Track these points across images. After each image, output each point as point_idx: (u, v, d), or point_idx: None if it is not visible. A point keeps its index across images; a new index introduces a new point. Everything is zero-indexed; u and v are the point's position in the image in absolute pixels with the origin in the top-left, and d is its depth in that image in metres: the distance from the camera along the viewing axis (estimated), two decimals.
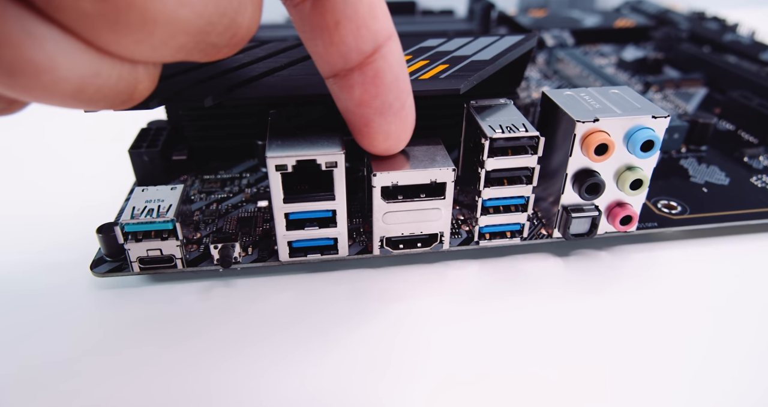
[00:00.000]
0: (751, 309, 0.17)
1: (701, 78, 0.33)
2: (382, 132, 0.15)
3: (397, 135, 0.15)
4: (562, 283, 0.18)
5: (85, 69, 0.10)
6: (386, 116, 0.15)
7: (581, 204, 0.18)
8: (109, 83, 0.11)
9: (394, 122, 0.15)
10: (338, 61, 0.14)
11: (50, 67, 0.10)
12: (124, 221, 0.17)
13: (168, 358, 0.15)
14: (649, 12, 0.44)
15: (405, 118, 0.15)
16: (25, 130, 0.30)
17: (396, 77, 0.14)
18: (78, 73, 0.10)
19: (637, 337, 0.16)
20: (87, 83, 0.11)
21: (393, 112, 0.15)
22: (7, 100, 0.12)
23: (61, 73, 0.10)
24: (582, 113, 0.17)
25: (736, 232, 0.21)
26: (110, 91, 0.11)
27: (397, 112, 0.15)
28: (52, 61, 0.10)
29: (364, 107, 0.14)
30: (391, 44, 0.14)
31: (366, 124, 0.15)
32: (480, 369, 0.15)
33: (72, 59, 0.10)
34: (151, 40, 0.10)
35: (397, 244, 0.18)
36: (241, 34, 0.12)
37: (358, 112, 0.14)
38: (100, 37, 0.10)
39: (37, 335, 0.16)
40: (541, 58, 0.37)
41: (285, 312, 0.17)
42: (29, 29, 0.10)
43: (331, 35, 0.13)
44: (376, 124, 0.15)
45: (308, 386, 0.15)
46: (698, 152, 0.25)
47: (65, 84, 0.10)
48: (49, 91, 0.10)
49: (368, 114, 0.14)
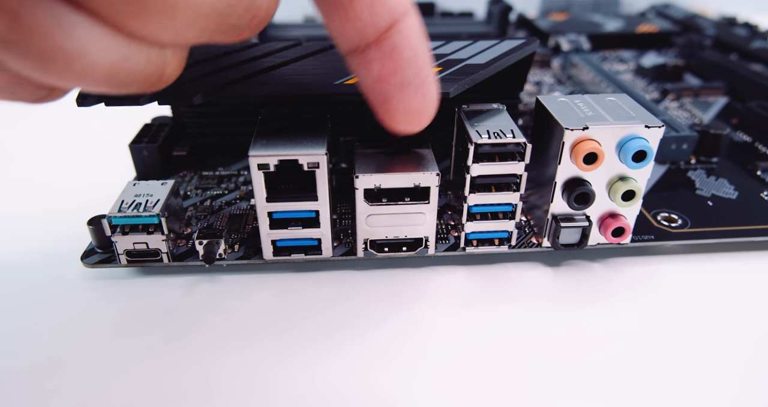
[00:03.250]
0: (750, 331, 0.16)
1: (722, 87, 0.32)
2: (402, 109, 0.15)
3: (418, 112, 0.15)
4: (550, 294, 0.18)
5: (115, 54, 0.11)
6: (406, 92, 0.14)
7: (572, 214, 0.18)
8: (138, 67, 0.11)
9: (415, 98, 0.14)
10: (354, 37, 0.13)
11: (81, 53, 0.10)
12: (111, 214, 0.17)
13: (147, 352, 0.16)
14: (676, 17, 0.43)
15: (426, 94, 0.15)
16: (32, 124, 0.31)
17: (414, 53, 0.14)
18: (108, 59, 0.11)
19: (626, 354, 0.16)
20: (118, 68, 0.11)
21: (413, 88, 0.14)
22: (47, 87, 0.12)
23: (91, 58, 0.10)
24: (572, 120, 0.17)
25: (740, 248, 0.20)
26: (140, 75, 0.12)
27: (418, 88, 0.14)
28: (82, 47, 0.10)
29: (382, 83, 0.14)
30: (407, 19, 0.14)
31: (386, 100, 0.14)
32: (457, 379, 0.15)
33: (101, 45, 0.11)
34: (175, 24, 0.11)
35: (382, 247, 0.18)
36: (261, 15, 0.12)
37: (377, 88, 0.14)
38: (126, 23, 0.10)
39: (23, 321, 0.17)
40: (557, 63, 0.36)
41: (266, 310, 0.17)
42: (59, 17, 0.10)
43: (346, 11, 0.13)
44: (396, 100, 0.14)
45: (286, 384, 0.15)
46: (708, 164, 0.24)
47: (97, 69, 0.11)
48: (82, 77, 0.11)
49: (387, 90, 0.14)
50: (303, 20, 0.43)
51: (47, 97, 0.13)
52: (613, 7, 0.47)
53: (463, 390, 0.15)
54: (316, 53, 0.20)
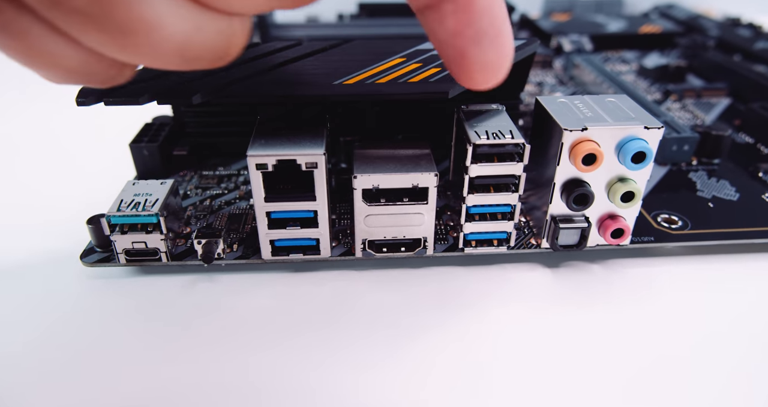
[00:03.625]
0: (750, 334, 0.16)
1: (725, 88, 0.31)
2: (478, 62, 0.14)
3: (494, 65, 0.15)
4: (549, 295, 0.18)
5: (189, 24, 0.11)
6: (482, 44, 0.14)
7: (571, 215, 0.18)
8: (209, 38, 0.12)
9: (491, 50, 0.14)
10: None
11: (159, 24, 0.11)
12: (110, 213, 0.17)
13: (144, 351, 0.16)
14: (679, 18, 0.43)
15: (502, 45, 0.14)
16: (34, 122, 0.31)
17: (489, 2, 0.14)
18: (182, 29, 0.11)
19: (625, 356, 0.16)
20: (191, 39, 0.11)
21: (489, 39, 0.14)
22: (118, 66, 0.12)
23: (168, 29, 0.11)
24: (571, 121, 0.17)
25: (741, 250, 0.20)
26: (211, 47, 0.12)
27: (493, 39, 0.14)
28: (160, 17, 0.11)
29: (458, 37, 0.14)
30: None
31: (462, 55, 0.14)
32: (454, 380, 0.15)
33: (177, 15, 0.11)
34: None
35: (381, 247, 0.18)
36: None
37: (453, 42, 0.14)
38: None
39: (21, 319, 0.17)
40: (559, 64, 0.36)
41: (264, 310, 0.17)
42: None
43: None
44: (472, 54, 0.14)
45: (282, 384, 0.15)
46: (710, 165, 0.24)
47: (172, 41, 0.11)
48: (157, 49, 0.11)
49: (463, 44, 0.14)
50: (305, 20, 0.43)
51: (116, 78, 0.13)
52: (617, 8, 0.47)
53: (456, 391, 0.15)
54: (316, 53, 0.20)
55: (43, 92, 0.35)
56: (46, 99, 0.34)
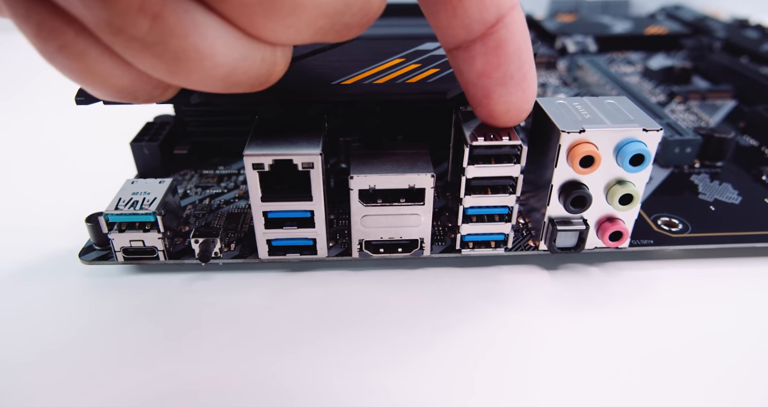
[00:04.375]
0: (751, 339, 0.16)
1: (731, 90, 0.31)
2: (502, 103, 0.15)
3: (517, 106, 0.15)
4: (546, 297, 0.18)
5: (237, 53, 0.11)
6: (508, 86, 0.14)
7: (569, 217, 0.18)
8: (254, 66, 0.12)
9: (516, 92, 0.15)
10: (461, 32, 0.14)
11: (211, 53, 0.11)
12: (107, 211, 0.17)
13: (139, 350, 0.16)
14: (686, 19, 0.42)
15: (527, 89, 0.15)
16: (39, 122, 0.31)
17: (519, 47, 0.14)
18: (231, 58, 0.11)
19: (620, 360, 0.15)
20: (237, 67, 0.12)
21: (515, 82, 0.14)
22: (162, 87, 0.13)
23: (219, 58, 0.11)
24: (569, 123, 0.17)
25: (742, 254, 0.20)
26: (254, 74, 0.12)
27: (519, 82, 0.14)
28: (213, 47, 0.11)
29: (485, 77, 0.14)
30: (514, 13, 0.14)
31: (487, 95, 0.15)
32: (448, 381, 0.15)
33: (227, 45, 0.11)
34: (298, 24, 0.11)
35: (378, 248, 0.18)
36: (372, 12, 0.12)
37: (480, 83, 0.14)
38: (254, 24, 0.11)
39: (19, 315, 0.17)
40: (563, 65, 0.36)
41: (260, 309, 0.17)
42: (195, 19, 0.11)
43: (455, 7, 0.13)
44: (497, 95, 0.15)
45: (276, 382, 0.15)
46: (713, 168, 0.24)
47: (221, 68, 0.11)
48: (206, 76, 0.11)
49: (489, 85, 0.14)
50: None
51: (160, 97, 0.13)
52: (623, 9, 0.47)
53: (450, 392, 0.14)
54: (315, 53, 0.20)
55: (47, 91, 0.35)
56: (50, 98, 0.34)
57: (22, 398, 0.14)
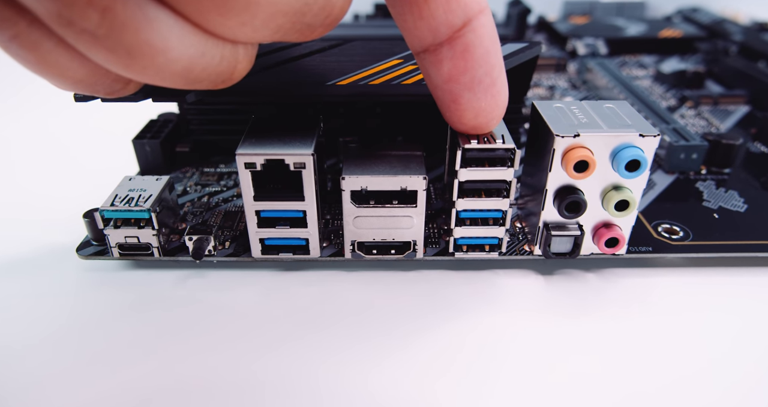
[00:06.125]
0: (749, 351, 0.16)
1: (745, 95, 0.30)
2: (471, 109, 0.15)
3: (487, 112, 0.15)
4: (539, 303, 0.18)
5: (193, 50, 0.11)
6: (476, 92, 0.14)
7: (564, 222, 0.18)
8: (213, 63, 0.12)
9: (484, 98, 0.14)
10: (427, 35, 0.13)
11: (164, 48, 0.11)
12: (103, 207, 0.17)
13: (127, 345, 0.16)
14: (703, 22, 0.42)
15: (496, 95, 0.14)
16: (44, 119, 0.32)
17: (486, 52, 0.14)
18: (187, 54, 0.11)
19: (612, 368, 0.15)
20: (194, 63, 0.12)
21: (483, 88, 0.14)
22: (124, 81, 0.13)
23: (173, 54, 0.11)
24: (564, 127, 0.16)
25: (743, 264, 0.19)
26: (213, 71, 0.12)
27: (488, 88, 0.14)
28: (166, 43, 0.11)
29: (452, 82, 0.14)
30: (482, 18, 0.14)
31: (454, 100, 0.14)
32: (437, 384, 0.15)
33: (182, 41, 0.11)
34: (254, 21, 0.11)
35: (371, 249, 0.18)
36: (335, 13, 0.12)
37: (447, 88, 0.14)
38: (208, 20, 0.11)
39: (17, 312, 0.17)
40: (573, 67, 0.35)
41: (251, 307, 0.17)
42: (148, 14, 0.11)
43: (421, 9, 0.13)
44: (465, 100, 0.14)
45: (265, 380, 0.15)
46: (720, 175, 0.23)
47: (176, 64, 0.11)
48: (162, 71, 0.11)
49: (457, 90, 0.14)
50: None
51: (122, 91, 0.13)
52: (639, 11, 0.46)
53: (439, 394, 0.14)
54: (314, 53, 0.20)
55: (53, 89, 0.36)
56: (55, 96, 0.35)
57: (18, 390, 0.14)
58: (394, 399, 0.14)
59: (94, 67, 0.12)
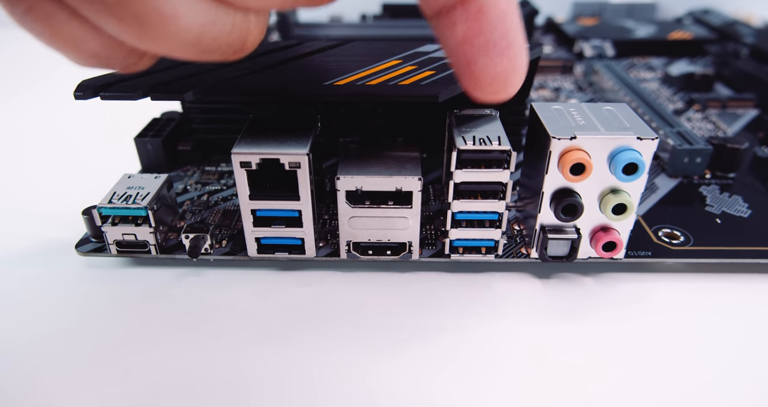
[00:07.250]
0: (749, 359, 0.15)
1: (754, 98, 0.30)
2: (486, 73, 0.14)
3: (503, 77, 0.14)
4: (535, 306, 0.17)
5: (204, 17, 0.11)
6: (491, 55, 0.14)
7: (561, 225, 0.17)
8: (224, 31, 0.12)
9: (500, 62, 0.14)
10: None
11: (173, 15, 0.11)
12: (101, 205, 0.17)
13: (121, 342, 0.16)
14: (714, 24, 0.41)
15: (512, 58, 0.14)
16: (47, 116, 0.32)
17: (502, 13, 0.13)
18: (198, 21, 0.11)
19: (608, 373, 0.15)
20: (205, 31, 0.12)
21: (498, 51, 0.14)
22: (138, 54, 0.13)
23: (183, 21, 0.11)
24: (561, 129, 0.16)
25: (744, 270, 0.19)
26: (224, 40, 0.12)
27: (503, 51, 0.14)
28: (176, 9, 0.11)
29: (466, 45, 0.14)
30: None
31: (469, 64, 0.14)
32: (430, 387, 0.15)
33: (192, 8, 0.11)
34: None
35: (366, 250, 0.18)
36: None
37: (461, 51, 0.14)
38: None
39: (14, 309, 0.17)
40: (580, 69, 0.35)
41: (245, 306, 0.17)
42: None
43: None
44: (480, 64, 0.14)
45: (257, 377, 0.15)
46: (724, 179, 0.23)
47: (187, 33, 0.11)
48: (173, 41, 0.11)
49: (471, 53, 0.14)
50: (328, 20, 0.44)
51: (137, 65, 0.13)
52: (649, 12, 0.45)
53: (432, 397, 0.14)
54: (313, 53, 0.20)
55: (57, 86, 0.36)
56: (58, 93, 0.35)
57: (15, 385, 0.15)
58: (389, 398, 0.14)
59: (107, 39, 0.12)
